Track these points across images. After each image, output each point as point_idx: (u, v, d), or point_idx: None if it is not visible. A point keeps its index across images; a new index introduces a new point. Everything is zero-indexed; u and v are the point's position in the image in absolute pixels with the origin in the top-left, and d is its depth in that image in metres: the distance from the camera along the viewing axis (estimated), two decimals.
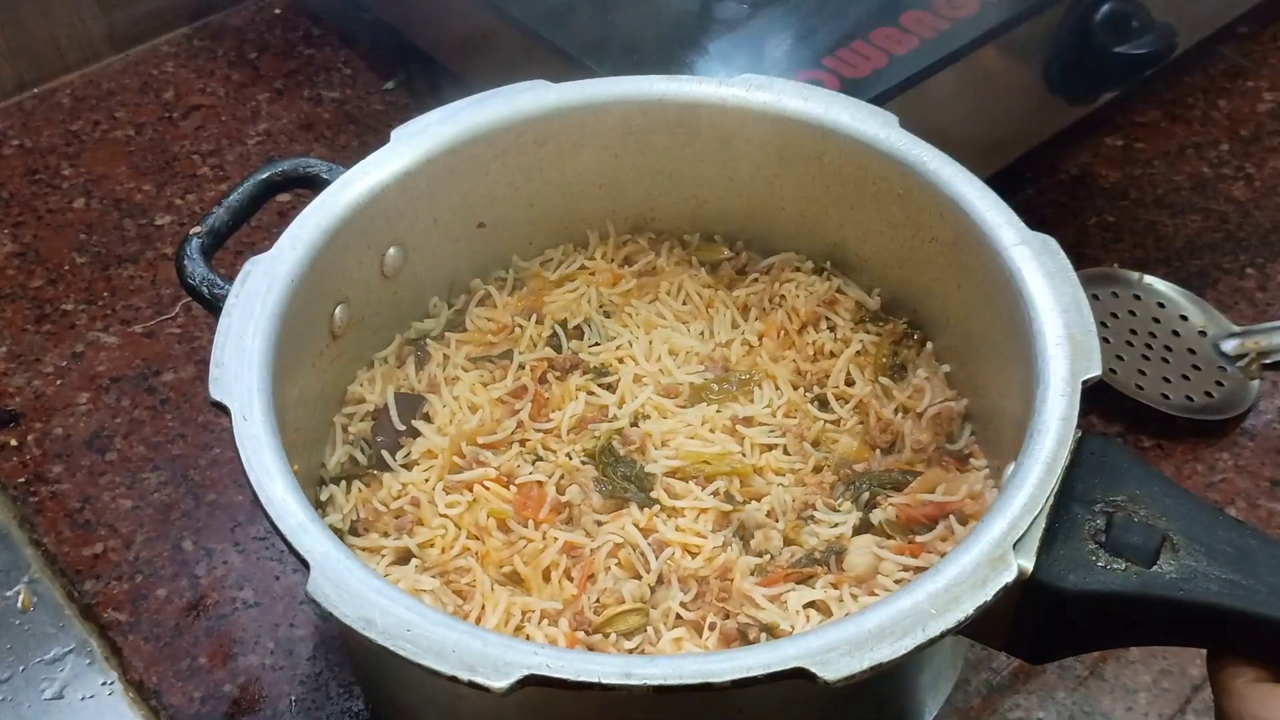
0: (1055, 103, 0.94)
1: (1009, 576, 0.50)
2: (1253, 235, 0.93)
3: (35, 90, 1.07)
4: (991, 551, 0.51)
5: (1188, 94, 1.05)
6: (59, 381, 0.86)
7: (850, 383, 0.71)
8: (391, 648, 0.48)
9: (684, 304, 0.75)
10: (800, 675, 0.47)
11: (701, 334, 0.74)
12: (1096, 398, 0.77)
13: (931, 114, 0.82)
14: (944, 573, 0.50)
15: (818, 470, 0.67)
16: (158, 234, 0.96)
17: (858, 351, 0.72)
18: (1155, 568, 0.52)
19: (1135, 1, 0.88)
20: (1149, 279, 0.88)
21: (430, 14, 1.01)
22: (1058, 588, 0.52)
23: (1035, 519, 0.52)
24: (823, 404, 0.70)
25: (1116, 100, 1.00)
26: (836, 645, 0.48)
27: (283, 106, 1.06)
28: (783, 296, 0.74)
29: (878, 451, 0.68)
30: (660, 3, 0.90)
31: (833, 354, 0.72)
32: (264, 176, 0.70)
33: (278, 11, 1.15)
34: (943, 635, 0.48)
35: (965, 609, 0.49)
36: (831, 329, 0.73)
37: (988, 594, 0.49)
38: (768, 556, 0.63)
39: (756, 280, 0.76)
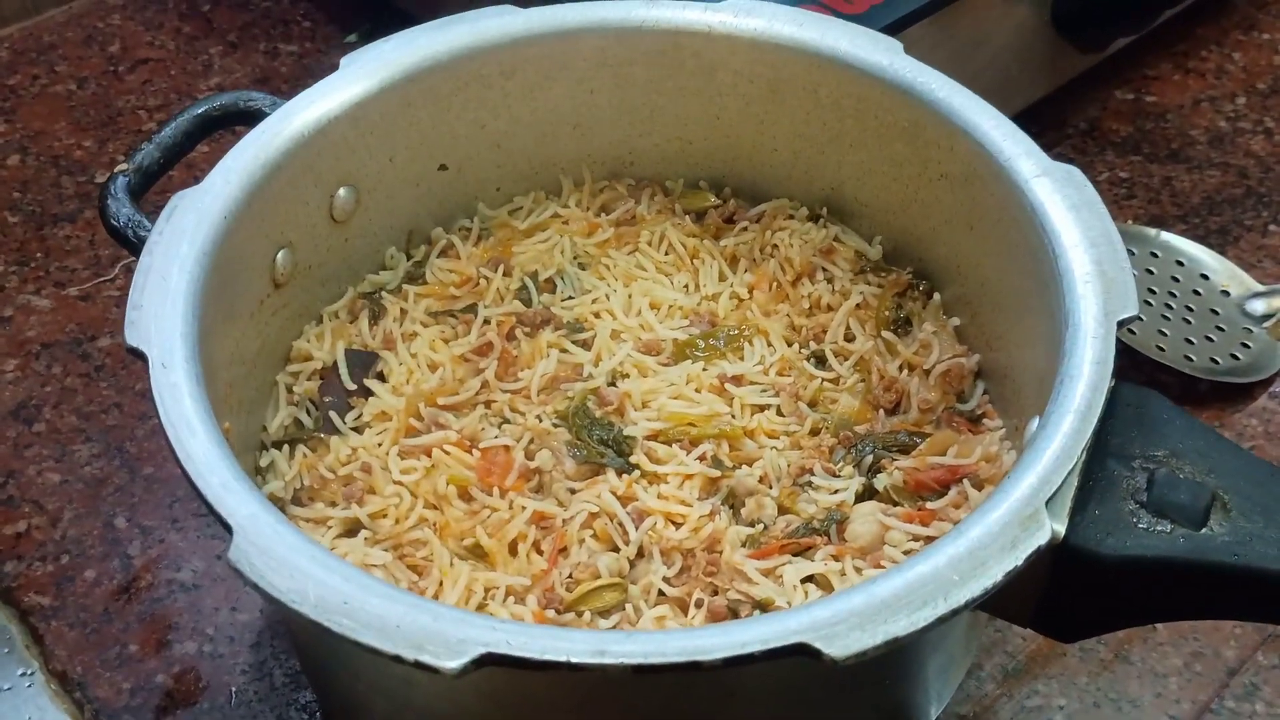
0: (1063, 50, 0.88)
1: (1042, 538, 0.43)
2: (1275, 191, 0.87)
3: None
4: (1021, 510, 0.44)
5: (1200, 46, 0.99)
6: None
7: (850, 338, 0.64)
8: (326, 624, 0.41)
9: (666, 255, 0.68)
10: (802, 652, 0.40)
11: (686, 287, 0.67)
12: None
13: (933, 57, 0.75)
14: (967, 534, 0.44)
15: (815, 433, 0.61)
16: (97, 192, 0.88)
17: (858, 304, 0.65)
18: (1205, 530, 0.46)
19: None
20: (1166, 235, 0.82)
21: None
22: (1094, 553, 0.46)
23: (1069, 475, 0.46)
24: (820, 361, 0.64)
25: (1125, 51, 0.93)
26: (845, 617, 0.41)
27: (237, 60, 0.99)
28: (775, 246, 0.68)
29: (881, 412, 0.61)
30: None
31: (830, 308, 0.65)
32: (200, 110, 0.63)
33: None
34: (967, 605, 0.42)
35: (993, 574, 0.42)
36: (829, 280, 0.66)
37: (1018, 558, 0.43)
38: (760, 526, 0.57)
39: (746, 229, 0.69)
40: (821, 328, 0.64)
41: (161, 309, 0.51)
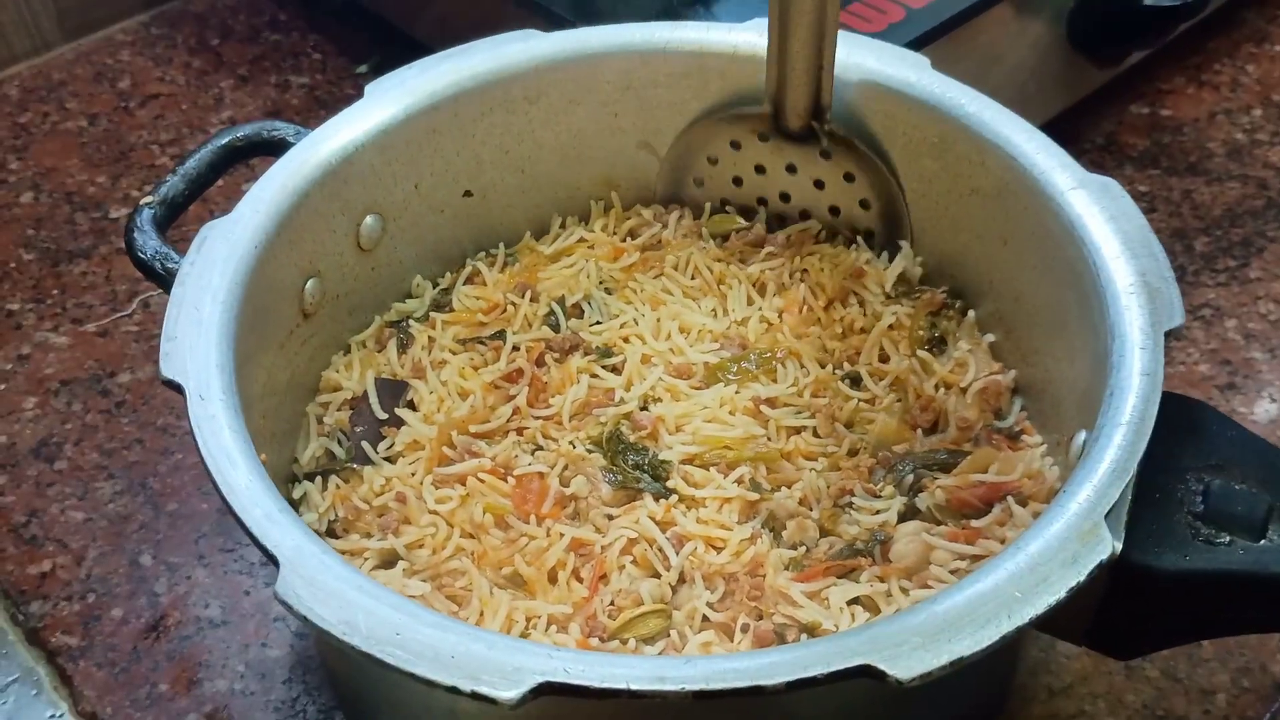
0: (1079, 65, 0.87)
1: (1104, 552, 0.43)
2: None
3: None
4: (1080, 524, 0.43)
5: (1213, 60, 0.99)
6: (3, 386, 0.78)
7: (884, 358, 0.64)
8: (378, 655, 0.40)
9: (693, 279, 0.68)
10: (866, 674, 0.40)
11: (714, 311, 0.66)
12: None
13: (950, 74, 0.75)
14: (1025, 549, 0.43)
15: (853, 453, 0.60)
16: (112, 228, 0.88)
17: (890, 325, 0.64)
18: (1265, 541, 0.45)
19: None
20: None
21: None
22: (1152, 568, 0.45)
23: (1125, 488, 0.45)
24: (854, 382, 0.63)
25: (1139, 67, 0.93)
26: (907, 637, 0.40)
27: (248, 94, 0.99)
28: (805, 271, 0.67)
29: (919, 431, 0.61)
30: None
31: (863, 330, 0.65)
32: (224, 141, 0.62)
33: None
34: (1031, 622, 0.41)
35: (1056, 591, 0.42)
36: (860, 304, 0.66)
37: (1080, 573, 0.42)
38: (803, 549, 0.56)
39: (774, 254, 0.68)
40: (855, 349, 0.64)
41: (196, 340, 0.50)
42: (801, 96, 0.63)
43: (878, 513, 0.56)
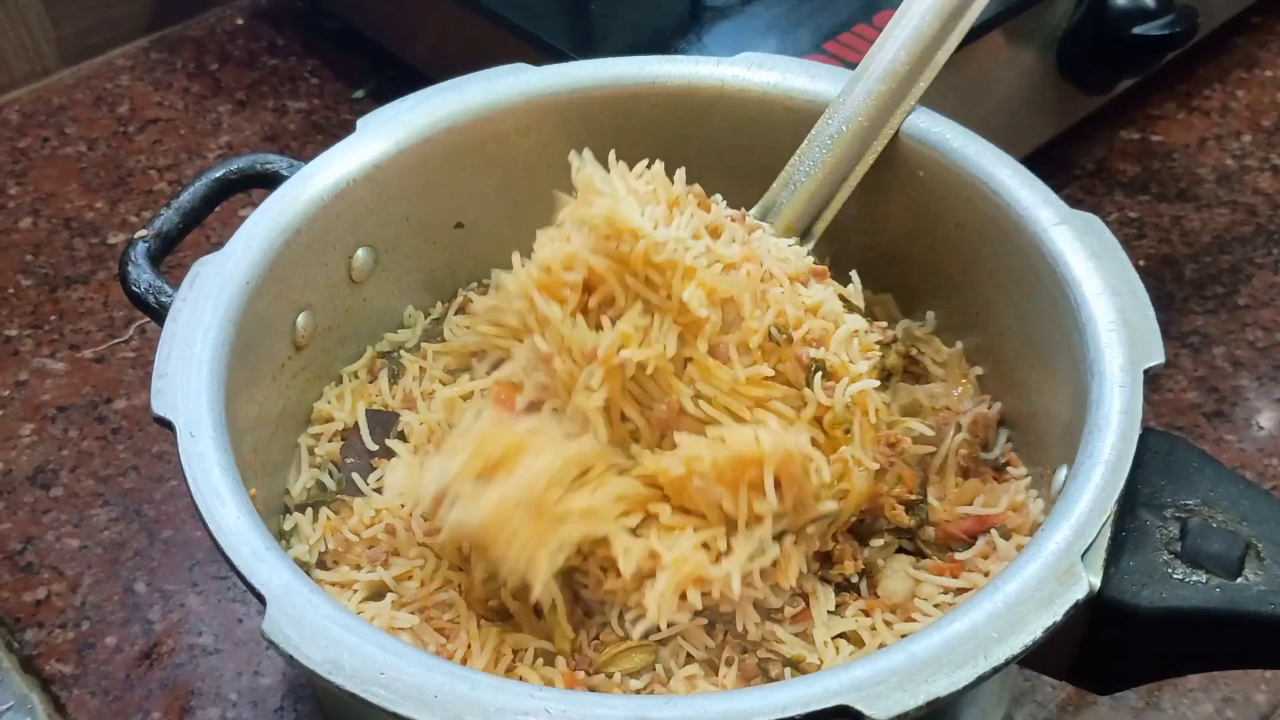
0: (1069, 92, 0.88)
1: (1079, 592, 0.43)
2: None
3: None
4: (1057, 564, 0.44)
5: (1203, 86, 0.99)
6: (1, 412, 0.79)
7: None
8: (363, 694, 0.41)
9: None
10: (844, 714, 0.40)
11: None
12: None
13: (939, 104, 0.76)
14: (1003, 589, 0.43)
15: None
16: (110, 253, 0.89)
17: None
18: (1240, 579, 0.46)
19: None
20: None
21: (403, 15, 0.95)
22: (1130, 605, 0.45)
23: (1102, 527, 0.45)
24: None
25: (1130, 93, 0.94)
26: (885, 677, 0.41)
27: (245, 118, 1.00)
28: None
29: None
30: None
31: None
32: (218, 175, 0.63)
33: (240, 22, 1.09)
34: (1007, 663, 0.42)
35: (1032, 631, 0.42)
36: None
37: (1056, 613, 0.43)
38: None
39: None
40: None
41: (187, 377, 0.51)
42: (798, 220, 0.63)
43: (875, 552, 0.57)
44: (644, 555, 0.50)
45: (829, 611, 0.54)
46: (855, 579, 0.55)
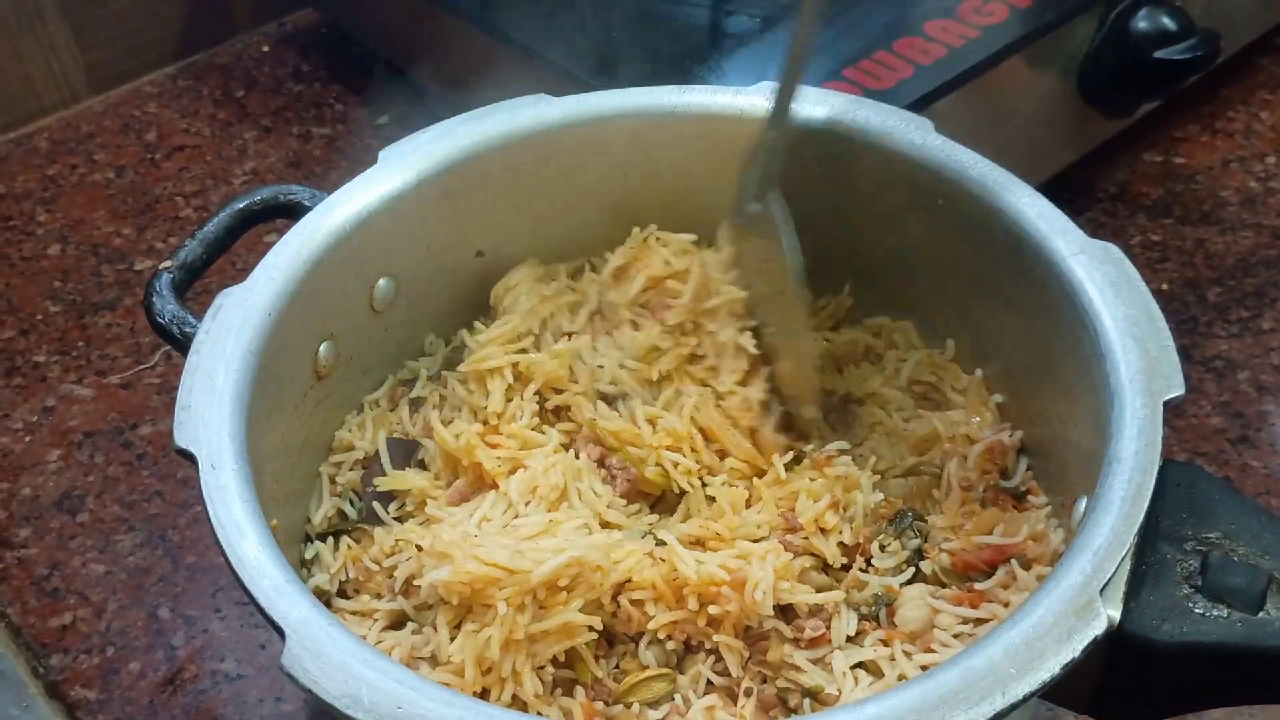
0: (1091, 116, 0.88)
1: (1098, 628, 0.43)
2: None
3: (10, 134, 1.02)
4: (1075, 599, 0.44)
5: (1227, 107, 0.99)
6: (28, 438, 0.80)
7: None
8: None
9: None
10: None
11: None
12: None
13: (961, 129, 0.76)
14: (1021, 624, 0.43)
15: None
16: (137, 279, 0.90)
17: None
18: (1262, 614, 0.45)
19: (1174, 5, 0.82)
20: None
21: (427, 43, 0.95)
22: (1150, 640, 0.45)
23: (1122, 561, 0.45)
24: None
25: (1152, 115, 0.94)
26: (902, 714, 0.41)
27: (270, 144, 1.01)
28: None
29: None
30: (668, 20, 0.84)
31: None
32: (241, 205, 0.64)
33: (266, 49, 1.10)
34: (1025, 699, 0.41)
35: (1050, 667, 0.42)
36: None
37: (1075, 649, 0.42)
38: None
39: None
40: None
41: (209, 409, 0.51)
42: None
43: (882, 573, 0.57)
44: None
45: (848, 638, 0.54)
46: (872, 609, 0.55)
